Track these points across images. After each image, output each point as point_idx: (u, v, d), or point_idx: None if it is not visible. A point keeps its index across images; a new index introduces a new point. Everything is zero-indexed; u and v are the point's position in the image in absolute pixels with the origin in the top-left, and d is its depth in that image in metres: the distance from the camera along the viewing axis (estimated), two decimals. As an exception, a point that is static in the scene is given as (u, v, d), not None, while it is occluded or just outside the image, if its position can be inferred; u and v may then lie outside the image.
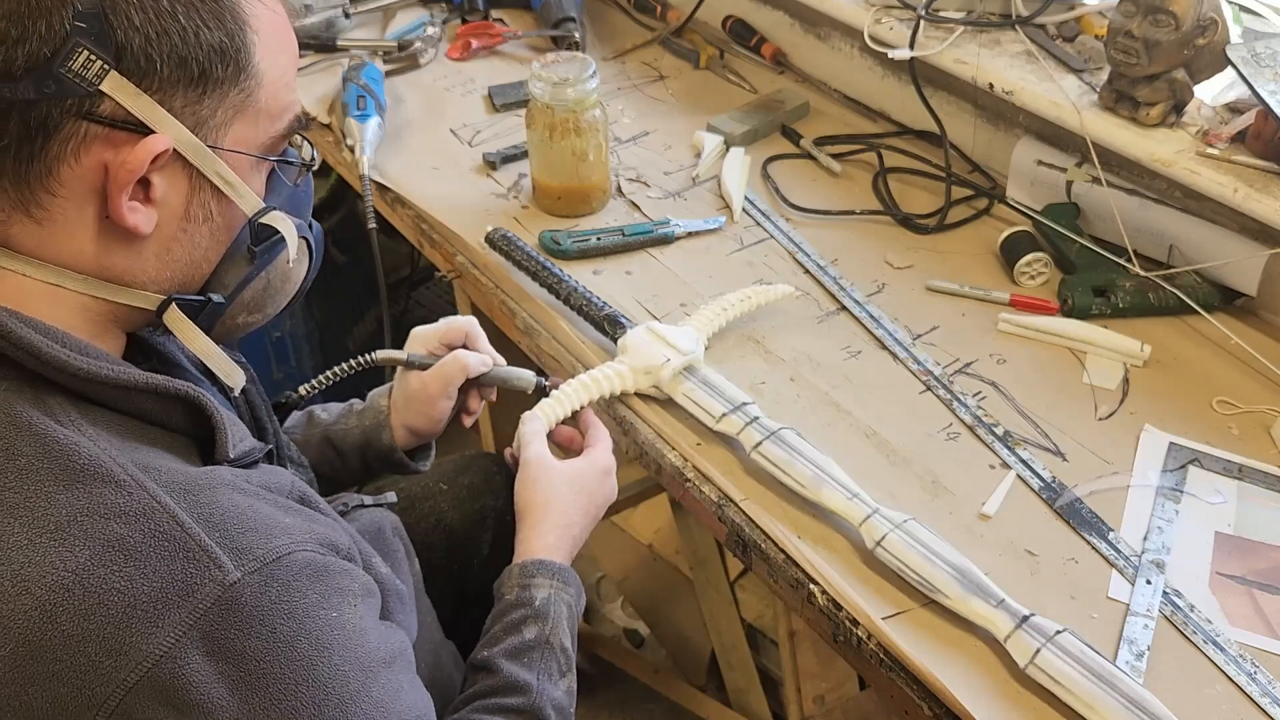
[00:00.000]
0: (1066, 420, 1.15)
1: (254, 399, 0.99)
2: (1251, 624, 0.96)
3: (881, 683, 0.97)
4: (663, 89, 1.76)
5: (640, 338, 1.20)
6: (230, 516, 0.73)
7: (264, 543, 0.72)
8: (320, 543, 0.77)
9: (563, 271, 1.30)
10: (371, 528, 1.02)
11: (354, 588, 0.78)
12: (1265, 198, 1.17)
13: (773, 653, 1.82)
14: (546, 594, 1.01)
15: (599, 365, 1.19)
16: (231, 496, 0.74)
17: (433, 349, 1.19)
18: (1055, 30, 1.44)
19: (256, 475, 0.81)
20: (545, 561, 1.03)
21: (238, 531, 0.72)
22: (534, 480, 1.08)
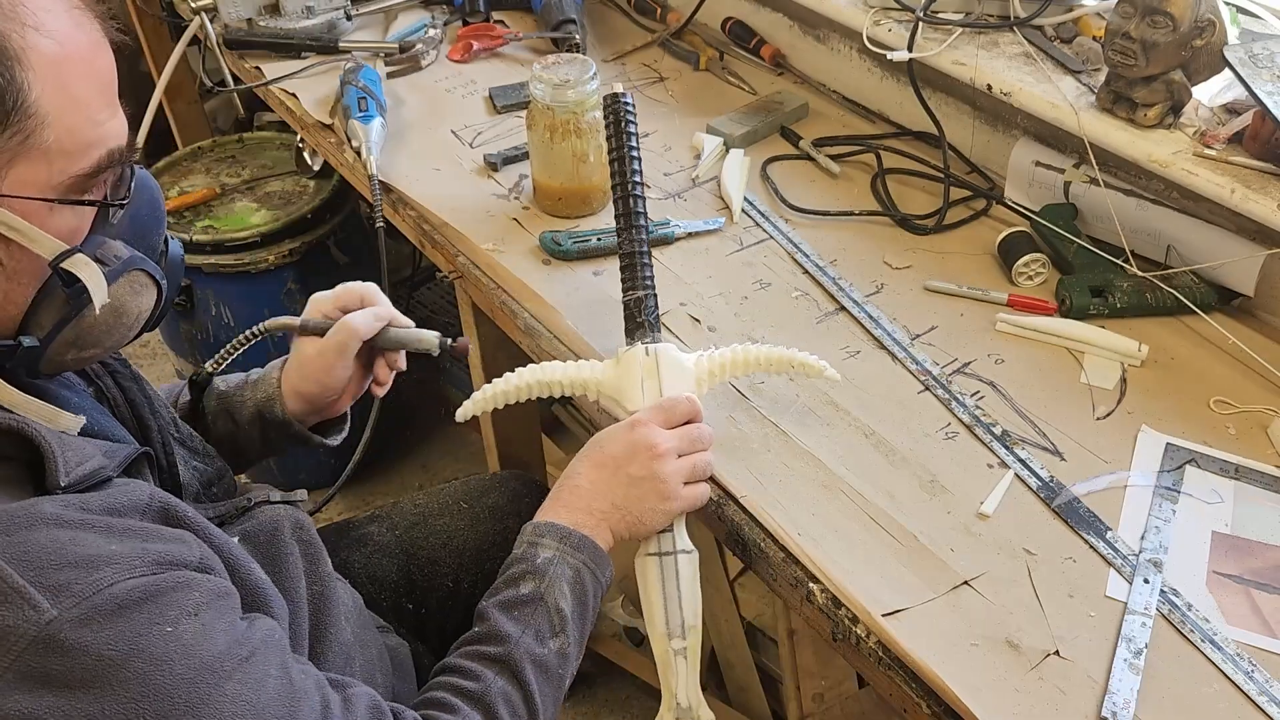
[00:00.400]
0: (1064, 420, 1.16)
1: (134, 396, 0.97)
2: (1249, 623, 0.97)
3: (880, 681, 0.97)
4: (663, 90, 1.77)
5: (636, 364, 1.13)
6: (47, 554, 0.71)
7: (83, 577, 0.71)
8: (155, 562, 0.75)
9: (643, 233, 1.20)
10: (267, 527, 0.99)
11: (193, 598, 0.76)
12: (1262, 198, 1.17)
13: (772, 651, 1.82)
14: (551, 554, 1.00)
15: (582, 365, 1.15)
16: (50, 533, 0.72)
17: (328, 314, 1.15)
18: (1053, 32, 1.45)
19: (98, 498, 0.78)
20: (555, 524, 1.03)
21: (55, 568, 0.71)
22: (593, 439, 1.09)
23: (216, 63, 1.91)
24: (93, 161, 0.78)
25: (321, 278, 2.11)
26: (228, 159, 2.23)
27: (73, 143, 0.76)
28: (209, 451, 1.06)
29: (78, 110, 0.76)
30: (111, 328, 0.84)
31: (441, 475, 2.45)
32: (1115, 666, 0.93)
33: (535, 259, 1.40)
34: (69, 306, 0.80)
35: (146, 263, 0.85)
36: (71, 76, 0.75)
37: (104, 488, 0.80)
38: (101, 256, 0.81)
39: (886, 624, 0.96)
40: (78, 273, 0.79)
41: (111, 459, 0.83)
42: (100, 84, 0.78)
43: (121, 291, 0.83)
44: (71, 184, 0.77)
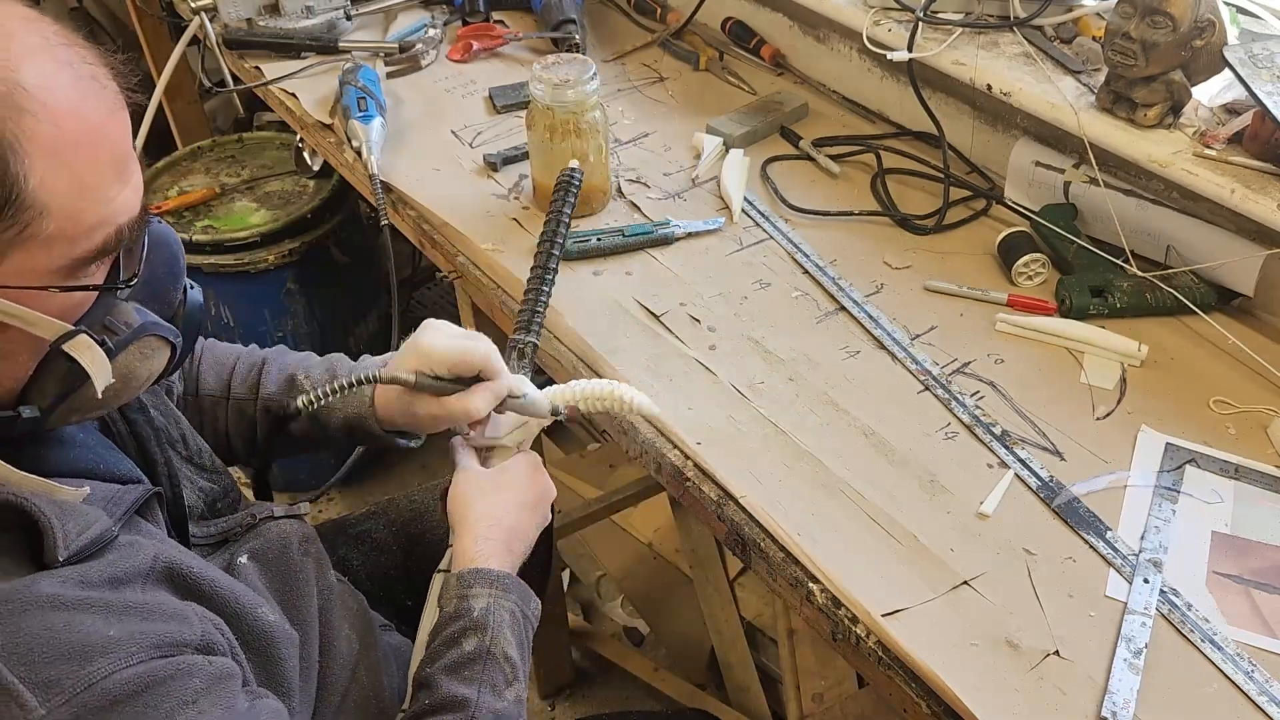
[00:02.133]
0: (1064, 420, 1.16)
1: (141, 430, 0.94)
2: (1248, 623, 0.97)
3: (880, 680, 0.97)
4: (662, 90, 1.77)
5: None
6: (39, 644, 0.69)
7: (75, 671, 0.69)
8: (154, 646, 0.74)
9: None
10: (275, 545, 0.99)
11: (192, 686, 0.74)
12: (1262, 198, 1.17)
13: (772, 651, 1.82)
14: (485, 603, 0.97)
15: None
16: (46, 618, 0.70)
17: (440, 374, 1.06)
18: (1053, 32, 1.45)
19: (99, 568, 0.76)
20: (481, 570, 0.99)
21: (46, 662, 0.68)
22: (456, 493, 1.06)
23: (216, 63, 1.91)
24: (96, 244, 0.74)
25: (321, 278, 2.12)
26: (227, 159, 2.23)
27: (75, 227, 0.72)
28: (217, 467, 1.06)
29: (82, 194, 0.72)
30: (119, 393, 0.81)
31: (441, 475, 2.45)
32: (1115, 666, 0.93)
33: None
34: (71, 381, 0.77)
35: (159, 327, 0.82)
36: (76, 159, 0.71)
37: (106, 552, 0.78)
38: (110, 324, 0.78)
39: (886, 624, 0.96)
40: (78, 357, 0.76)
41: (117, 508, 0.81)
42: (111, 157, 0.74)
43: (130, 359, 0.80)
44: (69, 267, 0.74)
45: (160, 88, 2.14)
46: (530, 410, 1.11)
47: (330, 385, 1.02)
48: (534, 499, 1.08)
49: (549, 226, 1.27)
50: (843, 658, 1.04)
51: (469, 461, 1.09)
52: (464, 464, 1.09)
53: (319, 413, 1.13)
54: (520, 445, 1.13)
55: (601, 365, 1.24)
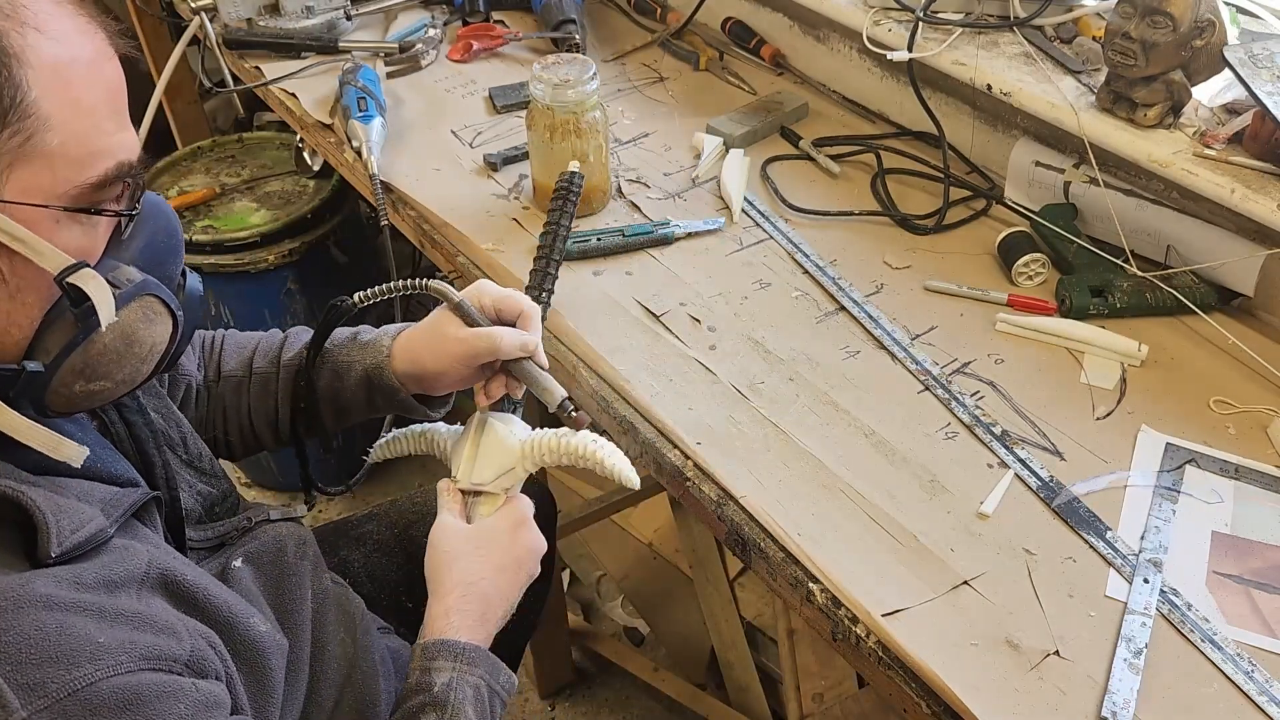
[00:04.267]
0: (1064, 420, 1.16)
1: (140, 431, 0.93)
2: (1249, 623, 0.97)
3: (880, 680, 0.97)
4: (663, 90, 1.77)
5: (469, 432, 1.11)
6: (29, 644, 0.68)
7: (61, 675, 0.68)
8: (143, 658, 0.72)
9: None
10: (270, 548, 0.98)
11: (178, 710, 0.73)
12: (1262, 198, 1.17)
13: (772, 651, 1.82)
14: (448, 678, 0.93)
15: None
16: (38, 617, 0.70)
17: (484, 308, 1.10)
18: (1053, 32, 1.45)
19: (95, 569, 0.75)
20: (447, 642, 0.96)
21: (33, 663, 0.68)
22: (433, 548, 1.03)
23: (216, 63, 1.91)
24: (100, 172, 0.75)
25: (321, 278, 2.12)
26: (227, 159, 2.23)
27: (79, 149, 0.73)
28: (216, 471, 1.05)
29: (83, 116, 0.73)
30: (123, 357, 0.80)
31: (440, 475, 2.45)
32: (1115, 666, 0.93)
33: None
34: (77, 329, 0.76)
35: (161, 289, 0.82)
36: (75, 80, 0.73)
37: (100, 554, 0.77)
38: (113, 280, 0.78)
39: (886, 624, 0.96)
40: (85, 287, 0.75)
41: (114, 510, 0.80)
42: (108, 93, 0.75)
43: (133, 317, 0.79)
44: (78, 194, 0.74)
45: (160, 88, 2.14)
46: (544, 386, 1.09)
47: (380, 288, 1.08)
48: (516, 560, 1.03)
49: (545, 239, 1.25)
50: (843, 658, 1.04)
51: (449, 515, 1.05)
52: (444, 517, 1.05)
53: (339, 365, 1.14)
54: (508, 492, 1.09)
55: (601, 365, 1.24)
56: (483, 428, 1.10)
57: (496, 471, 1.08)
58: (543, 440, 1.08)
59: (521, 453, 1.08)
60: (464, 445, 1.10)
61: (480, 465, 1.09)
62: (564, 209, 1.26)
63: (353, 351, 1.14)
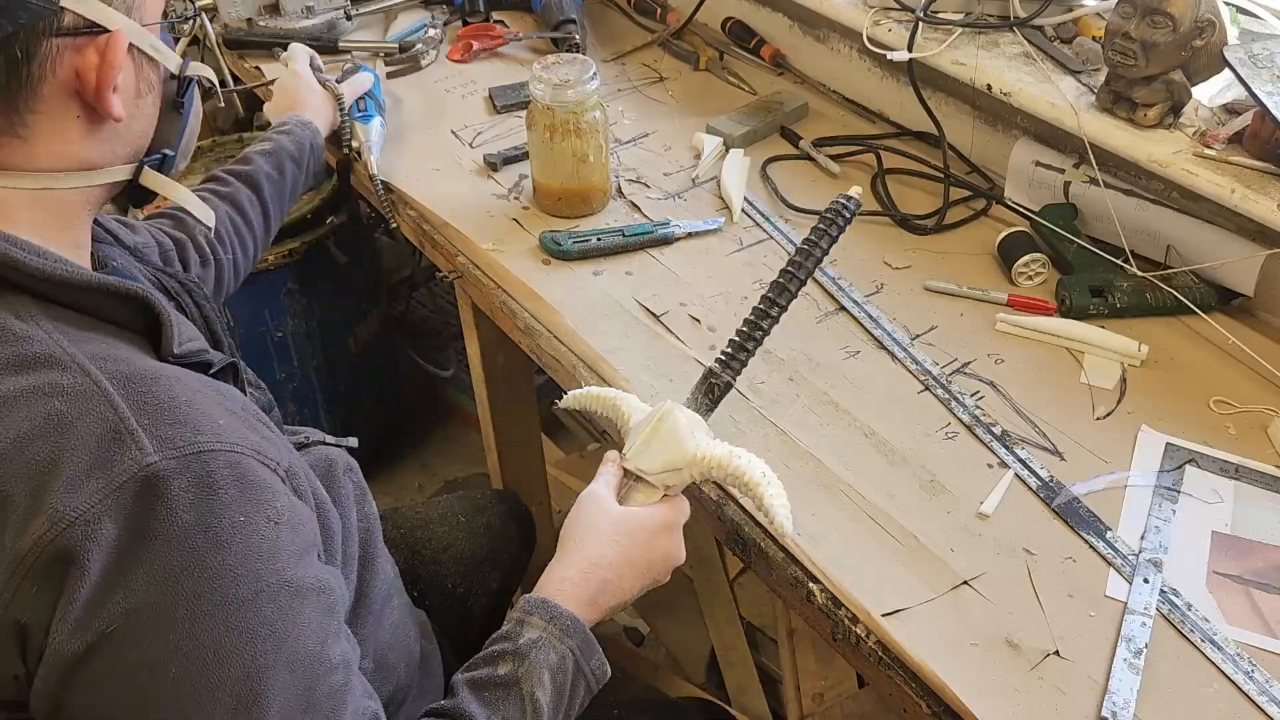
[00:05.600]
0: (1064, 420, 1.16)
1: (209, 314, 1.02)
2: (1249, 623, 0.97)
3: (880, 681, 0.97)
4: (663, 90, 1.77)
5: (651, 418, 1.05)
6: (165, 407, 0.76)
7: (190, 436, 0.75)
8: (256, 450, 0.78)
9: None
10: (323, 462, 1.00)
11: (276, 506, 0.78)
12: (1262, 198, 1.17)
13: (772, 651, 1.82)
14: (536, 635, 0.92)
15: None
16: (174, 389, 0.77)
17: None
18: (1053, 32, 1.45)
19: (207, 379, 0.84)
20: (548, 602, 0.94)
21: (167, 422, 0.75)
22: (577, 513, 1.01)
23: (216, 62, 1.91)
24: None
25: (321, 278, 2.11)
26: (227, 159, 2.21)
27: None
28: (258, 383, 1.08)
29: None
30: (195, 134, 0.97)
31: (441, 475, 2.45)
32: (1115, 666, 0.93)
33: (535, 259, 1.40)
34: (182, 116, 0.93)
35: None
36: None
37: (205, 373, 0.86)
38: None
39: (886, 624, 0.96)
40: (200, 74, 0.94)
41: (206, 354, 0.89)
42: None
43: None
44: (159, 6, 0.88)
45: (160, 88, 2.14)
46: None
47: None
48: (648, 562, 1.00)
49: (798, 256, 1.10)
50: (843, 658, 1.04)
51: (603, 486, 1.02)
52: (598, 486, 1.02)
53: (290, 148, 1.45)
54: (668, 490, 1.03)
55: (601, 365, 1.24)
56: (666, 418, 1.04)
57: (663, 466, 1.03)
58: (714, 454, 1.01)
59: (693, 458, 1.02)
60: (644, 427, 1.05)
61: (650, 453, 1.03)
62: (822, 239, 1.11)
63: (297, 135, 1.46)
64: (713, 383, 1.08)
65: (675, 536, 1.02)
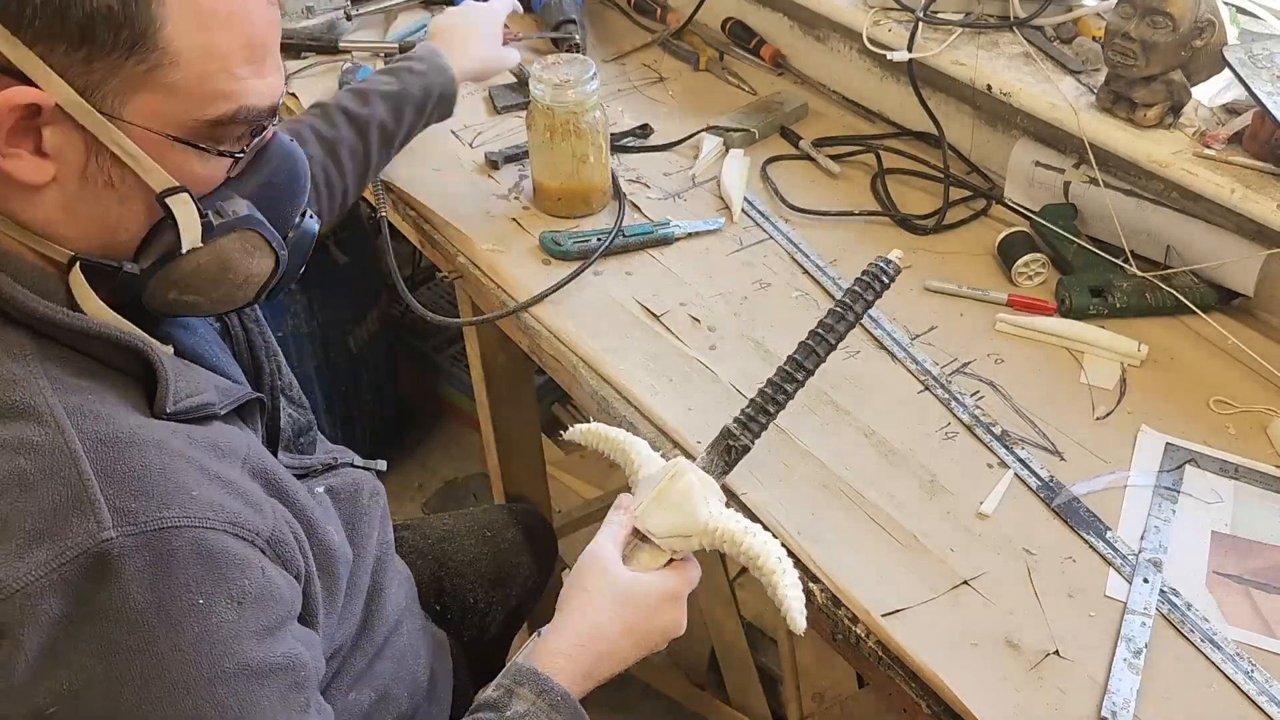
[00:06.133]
0: (1064, 420, 1.16)
1: (255, 339, 0.99)
2: (1249, 623, 0.97)
3: (880, 680, 0.97)
4: (662, 90, 1.77)
5: (662, 477, 1.01)
6: (134, 475, 0.72)
7: (154, 510, 0.72)
8: (230, 521, 0.75)
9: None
10: (349, 487, 1.01)
11: (243, 584, 0.75)
12: (1262, 198, 1.17)
13: (772, 651, 1.82)
14: (524, 709, 0.88)
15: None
16: (148, 456, 0.74)
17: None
18: (1053, 32, 1.45)
19: (206, 433, 0.80)
20: (541, 676, 0.90)
21: (132, 493, 0.72)
22: (582, 574, 0.96)
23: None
24: (219, 112, 0.77)
25: (320, 278, 2.12)
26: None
27: (201, 89, 0.76)
28: (302, 401, 1.07)
29: (213, 59, 0.75)
30: (216, 280, 0.84)
31: (441, 475, 2.45)
32: (1115, 666, 0.93)
33: (535, 259, 1.40)
34: (171, 245, 0.81)
35: (264, 226, 0.85)
36: (213, 24, 0.75)
37: (208, 424, 0.82)
38: (220, 209, 0.82)
39: (886, 624, 0.96)
40: (175, 210, 0.80)
41: (225, 397, 0.84)
42: (247, 38, 0.77)
43: (231, 246, 0.83)
44: (194, 127, 0.77)
45: (160, 88, 2.14)
46: None
47: None
48: (646, 632, 0.96)
49: (829, 316, 1.07)
50: (843, 658, 1.04)
51: (608, 542, 0.97)
52: (602, 544, 0.97)
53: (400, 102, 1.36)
54: (675, 554, 0.99)
55: (601, 365, 1.24)
56: (679, 479, 1.00)
57: (671, 530, 0.98)
58: (728, 528, 0.96)
59: (704, 528, 0.97)
60: (654, 484, 1.00)
61: (659, 514, 0.99)
62: (856, 302, 1.07)
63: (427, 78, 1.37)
64: (731, 444, 1.04)
65: (679, 606, 0.98)
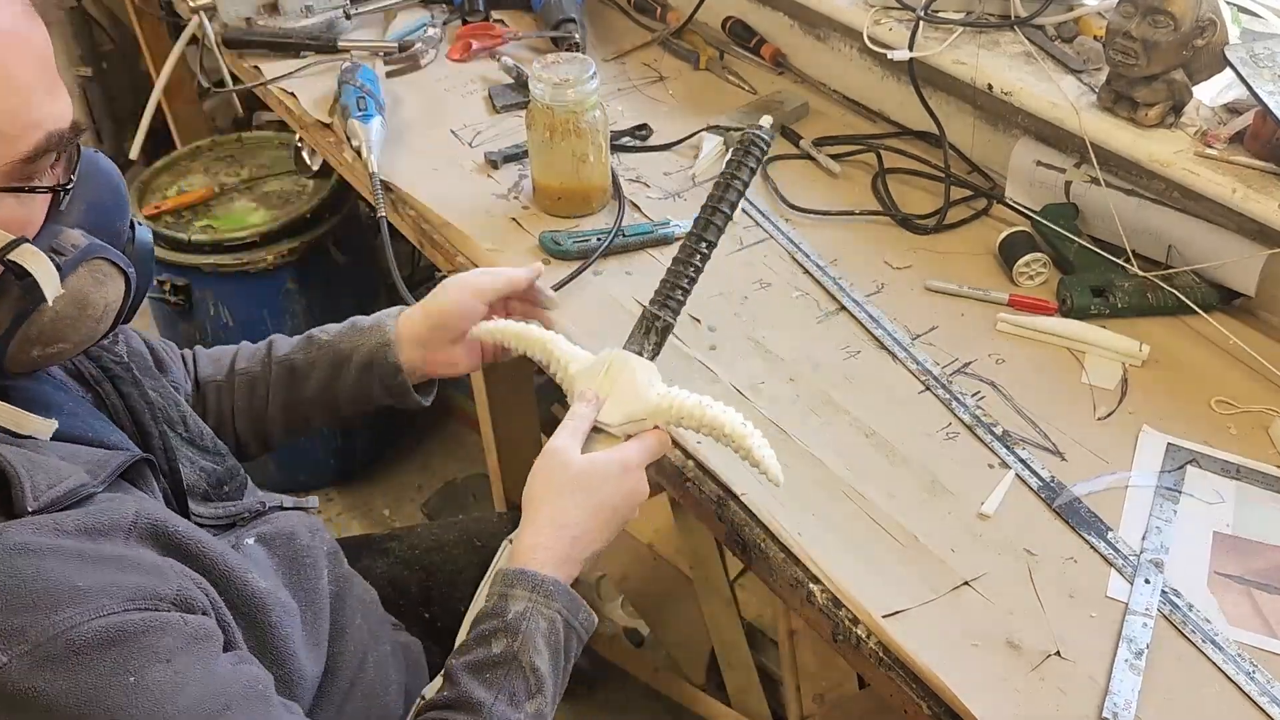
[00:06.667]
0: (1065, 420, 1.16)
1: (135, 403, 0.93)
2: (1250, 623, 0.97)
3: (881, 681, 0.97)
4: (663, 90, 1.76)
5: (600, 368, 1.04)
6: (5, 591, 0.69)
7: (41, 620, 0.68)
8: (128, 599, 0.73)
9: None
10: (284, 531, 0.99)
11: (166, 643, 0.73)
12: (1263, 198, 1.17)
13: (772, 651, 1.82)
14: (523, 607, 0.92)
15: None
16: (12, 564, 0.70)
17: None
18: (1054, 31, 1.44)
19: (76, 517, 0.75)
20: (526, 572, 0.93)
21: (9, 610, 0.68)
22: (537, 471, 0.98)
23: (215, 62, 1.91)
24: (31, 145, 0.73)
25: (320, 278, 2.11)
26: (226, 158, 2.23)
27: (9, 126, 0.72)
28: (220, 450, 1.04)
29: (13, 93, 0.72)
30: (76, 321, 0.79)
31: (441, 475, 2.45)
32: (1116, 667, 0.92)
33: (535, 259, 1.40)
34: (24, 302, 0.75)
35: (107, 250, 0.81)
36: (7, 57, 0.71)
37: (85, 504, 0.77)
38: (57, 247, 0.77)
39: (887, 624, 0.96)
40: (26, 265, 0.74)
41: (100, 470, 0.80)
42: (36, 61, 0.73)
43: (82, 282, 0.79)
44: (9, 170, 0.73)
45: (159, 87, 2.14)
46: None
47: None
48: (612, 508, 0.99)
49: (716, 190, 1.08)
50: (843, 659, 1.04)
51: (565, 437, 0.99)
52: (556, 439, 0.99)
53: (338, 355, 1.16)
54: (629, 439, 1.02)
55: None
56: (620, 368, 1.02)
57: (625, 417, 1.01)
58: (685, 404, 0.99)
59: (657, 406, 1.00)
60: (595, 378, 1.03)
61: (609, 405, 1.01)
62: (739, 169, 1.08)
63: (354, 337, 1.17)
64: (654, 324, 1.07)
65: (637, 474, 1.00)
